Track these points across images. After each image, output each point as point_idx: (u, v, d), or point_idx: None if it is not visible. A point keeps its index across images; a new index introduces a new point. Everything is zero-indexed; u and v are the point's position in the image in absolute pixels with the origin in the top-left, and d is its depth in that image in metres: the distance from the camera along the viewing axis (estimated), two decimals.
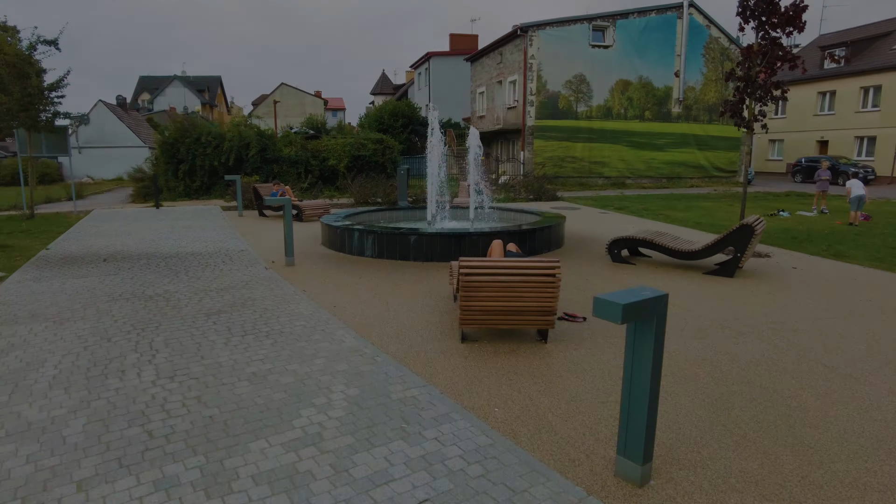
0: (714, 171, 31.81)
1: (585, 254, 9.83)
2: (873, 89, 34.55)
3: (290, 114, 59.14)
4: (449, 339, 5.29)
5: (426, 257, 9.04)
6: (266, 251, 9.95)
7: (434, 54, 45.34)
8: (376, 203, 18.35)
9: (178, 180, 21.54)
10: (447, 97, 45.10)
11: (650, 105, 29.99)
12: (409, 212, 13.20)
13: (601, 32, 28.58)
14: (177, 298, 6.67)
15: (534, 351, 5.03)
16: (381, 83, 66.02)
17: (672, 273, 8.45)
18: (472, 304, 4.90)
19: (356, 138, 24.33)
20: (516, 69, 28.94)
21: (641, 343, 2.92)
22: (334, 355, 4.81)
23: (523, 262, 4.87)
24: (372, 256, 9.33)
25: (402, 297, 6.84)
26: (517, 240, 9.34)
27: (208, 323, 5.69)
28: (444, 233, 8.99)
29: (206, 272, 8.15)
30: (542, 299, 4.89)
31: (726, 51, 30.59)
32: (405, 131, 35.07)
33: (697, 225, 13.95)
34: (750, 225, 7.96)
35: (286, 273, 8.15)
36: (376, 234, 9.23)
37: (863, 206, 14.99)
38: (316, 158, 22.97)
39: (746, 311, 6.41)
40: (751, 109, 9.94)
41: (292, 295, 6.84)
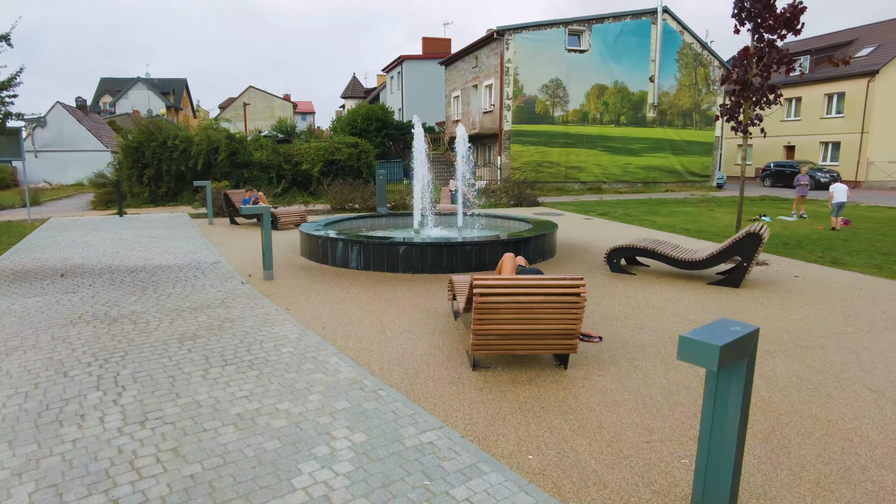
0: (688, 176, 32.02)
1: (580, 263, 9.39)
2: (837, 96, 35.39)
3: (259, 117, 57.83)
4: (458, 366, 4.73)
5: (416, 269, 8.47)
6: (241, 263, 9.23)
7: (407, 58, 44.83)
8: (354, 209, 17.69)
9: (142, 186, 20.47)
10: (420, 101, 44.60)
11: (626, 110, 30.01)
12: (391, 219, 12.60)
13: (577, 37, 28.49)
14: (145, 320, 5.95)
15: (555, 379, 4.51)
16: (351, 87, 65.09)
17: (675, 283, 8.06)
18: (488, 327, 4.35)
19: (330, 142, 23.60)
20: (492, 73, 28.60)
21: (729, 387, 2.42)
22: (331, 389, 4.21)
23: (544, 279, 4.35)
24: (357, 268, 8.71)
25: (397, 315, 6.25)
26: (512, 250, 8.85)
27: (182, 350, 5.01)
28: (435, 243, 8.44)
29: (177, 288, 7.41)
30: (566, 321, 4.38)
31: (699, 56, 30.86)
32: (379, 135, 34.38)
33: (685, 231, 13.70)
34: (757, 233, 7.62)
35: (266, 288, 7.47)
36: (362, 244, 8.62)
37: (842, 211, 15.00)
38: (288, 163, 22.16)
39: (766, 327, 6.03)
40: (747, 113, 9.69)
41: (275, 314, 6.19)
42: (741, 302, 7.06)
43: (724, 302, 7.04)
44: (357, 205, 17.86)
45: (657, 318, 6.27)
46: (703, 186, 32.12)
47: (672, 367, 4.81)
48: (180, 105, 60.92)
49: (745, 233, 7.69)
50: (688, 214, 17.68)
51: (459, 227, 10.57)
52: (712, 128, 32.12)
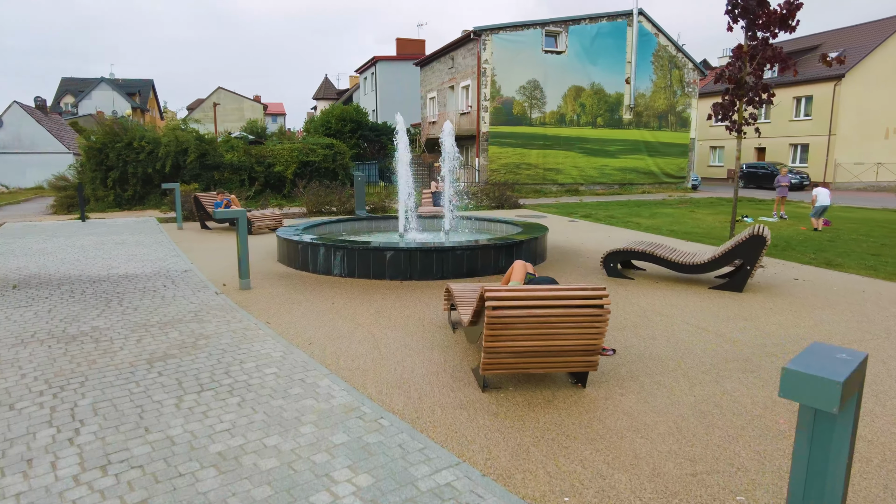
0: (664, 178, 32.15)
1: (574, 267, 9.01)
2: (805, 99, 36.04)
3: (228, 119, 56.49)
4: (465, 387, 4.25)
5: (404, 275, 7.96)
6: (215, 271, 8.58)
7: (380, 58, 44.23)
8: (331, 212, 17.07)
9: (107, 189, 19.46)
10: (395, 102, 44.00)
11: (602, 111, 29.97)
12: (371, 222, 12.06)
13: (554, 38, 28.32)
14: (109, 338, 5.32)
15: (574, 400, 4.07)
16: (323, 88, 64.11)
17: (676, 288, 7.73)
18: (501, 345, 3.89)
19: (304, 143, 22.89)
20: (469, 74, 28.24)
21: (836, 428, 1.99)
22: (325, 418, 3.69)
23: (563, 290, 3.91)
24: (341, 275, 8.16)
25: (390, 327, 5.74)
26: (504, 254, 8.42)
27: (152, 374, 4.42)
28: (424, 248, 7.95)
29: (144, 300, 6.76)
30: (587, 336, 3.95)
31: (674, 58, 31.02)
32: (354, 136, 33.71)
33: (672, 233, 13.49)
34: (760, 235, 7.34)
35: (243, 299, 6.87)
36: (346, 249, 8.08)
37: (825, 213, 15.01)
38: (261, 165, 21.38)
39: (781, 335, 5.70)
40: (740, 113, 9.46)
41: (255, 329, 5.62)
42: (748, 307, 6.74)
43: (731, 308, 6.72)
44: (334, 208, 17.25)
45: (667, 327, 5.90)
46: (678, 188, 32.29)
47: (696, 383, 4.41)
48: (146, 106, 59.10)
49: (748, 235, 7.39)
50: (670, 216, 17.54)
51: (446, 231, 10.10)
52: (687, 129, 32.34)
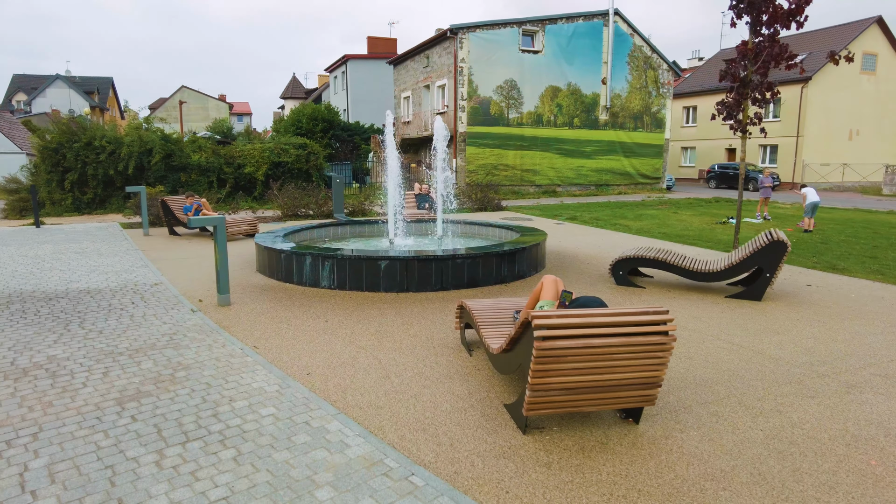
0: (639, 178, 32.14)
1: (577, 275, 8.49)
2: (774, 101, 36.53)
3: (193, 118, 54.65)
4: (502, 428, 3.63)
5: (401, 287, 7.30)
6: (188, 284, 7.76)
7: (351, 57, 43.29)
8: (307, 216, 16.24)
9: (64, 192, 18.18)
10: (366, 101, 43.16)
11: (579, 112, 29.75)
12: (354, 227, 11.34)
13: (531, 37, 27.96)
14: (68, 371, 4.52)
15: (631, 440, 3.49)
16: (291, 87, 62.71)
17: (690, 297, 7.27)
18: (552, 381, 3.28)
19: (276, 143, 21.93)
20: (445, 73, 27.64)
21: None
22: (344, 477, 3.01)
23: (622, 315, 3.33)
24: (330, 287, 7.45)
25: (396, 350, 5.08)
26: (507, 261, 7.83)
27: (123, 419, 3.67)
28: (423, 256, 7.30)
29: (110, 321, 5.93)
30: (649, 367, 3.38)
31: (649, 59, 31.02)
32: (326, 136, 32.75)
33: (663, 236, 13.13)
34: (781, 241, 6.92)
35: (223, 318, 6.11)
36: (336, 259, 7.36)
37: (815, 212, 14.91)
38: (230, 165, 20.34)
39: (822, 351, 5.25)
40: (745, 112, 9.10)
41: (241, 356, 4.88)
42: (774, 319, 6.30)
43: (756, 319, 6.26)
44: (311, 211, 16.41)
45: (699, 344, 5.39)
46: (653, 188, 32.33)
47: (758, 414, 3.89)
48: (106, 105, 56.69)
49: (768, 240, 6.97)
50: (655, 217, 17.26)
51: (439, 236, 9.47)
52: (662, 130, 32.42)
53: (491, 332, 4.38)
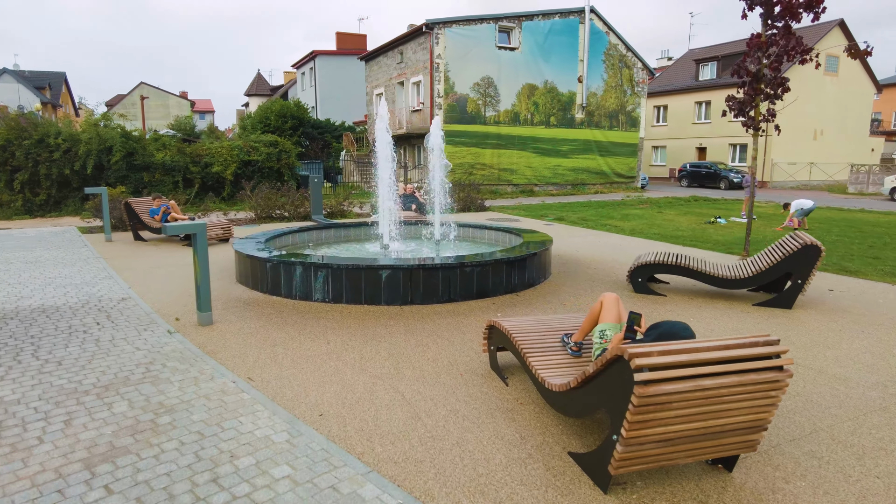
0: (615, 178, 32.03)
1: (589, 282, 7.90)
2: None
3: (153, 116, 52.45)
4: (576, 486, 2.95)
5: (404, 299, 6.56)
6: (161, 299, 6.85)
7: (320, 53, 42.13)
8: (283, 217, 15.29)
9: (13, 193, 16.74)
10: (336, 98, 42.08)
11: (555, 111, 29.40)
12: (339, 230, 10.52)
13: (507, 34, 27.44)
14: (19, 420, 3.65)
15: (733, 495, 2.86)
16: (256, 84, 60.93)
17: (717, 305, 6.76)
18: (650, 433, 2.62)
19: (245, 141, 20.83)
20: (421, 69, 26.89)
21: None
22: None
23: (729, 346, 2.69)
24: (324, 300, 6.66)
25: (419, 379, 4.36)
26: (517, 269, 7.18)
27: (95, 491, 2.84)
28: (429, 266, 6.57)
29: (71, 347, 5.03)
30: (758, 409, 2.76)
31: (624, 58, 30.90)
32: (295, 134, 31.59)
33: (659, 237, 12.71)
34: (815, 245, 6.46)
35: (207, 340, 5.27)
36: (331, 268, 6.57)
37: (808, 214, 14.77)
38: (197, 164, 19.17)
39: (885, 367, 4.76)
40: (758, 109, 8.67)
41: (236, 392, 4.08)
42: (816, 330, 5.81)
43: (799, 331, 5.76)
44: (286, 212, 15.46)
45: None
46: (628, 187, 32.24)
47: (861, 453, 3.32)
48: (59, 101, 53.91)
49: (800, 244, 6.50)
50: (641, 217, 16.89)
51: (437, 241, 8.76)
52: (637, 129, 32.38)
53: (543, 362, 3.71)
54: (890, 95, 52.34)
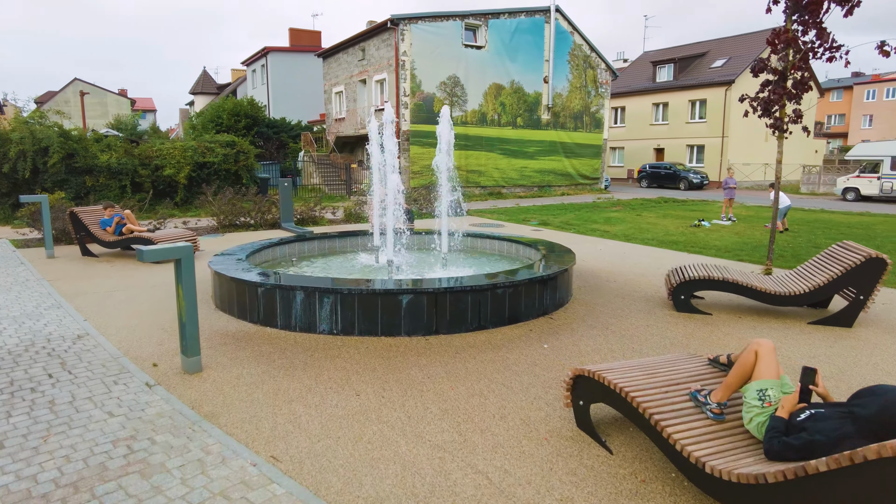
0: (580, 179, 31.79)
1: (619, 300, 7.10)
2: (699, 102, 37.59)
3: (90, 114, 49.01)
4: None
5: (428, 329, 5.56)
6: (129, 335, 5.58)
7: (272, 49, 40.25)
8: (247, 225, 13.91)
9: None
10: (290, 96, 40.31)
11: (522, 111, 28.84)
12: (324, 242, 9.40)
13: (473, 32, 26.65)
14: None
15: None
16: (202, 82, 58.06)
17: (771, 325, 6.08)
18: None
19: (200, 141, 19.19)
20: (385, 66, 25.75)
21: None
22: None
23: None
24: (331, 332, 5.57)
25: (496, 450, 3.39)
26: (549, 288, 6.29)
27: None
28: (456, 288, 5.58)
29: (15, 417, 3.78)
30: None
31: (588, 58, 30.68)
32: (250, 133, 29.81)
33: (656, 242, 12.13)
34: (881, 258, 5.86)
35: (200, 396, 4.13)
36: (340, 294, 5.50)
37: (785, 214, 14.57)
38: (146, 167, 17.45)
39: None
40: (783, 111, 8.10)
41: (262, 483, 3.00)
42: (887, 350, 5.19)
43: (880, 356, 5.11)
44: (251, 219, 14.09)
45: None
46: (593, 189, 32.07)
47: None
48: None
49: (864, 257, 5.89)
50: (624, 221, 16.40)
51: (443, 254, 7.78)
52: (601, 130, 32.26)
53: (687, 433, 2.80)
54: (824, 100, 54.83)
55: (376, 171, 8.52)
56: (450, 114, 7.78)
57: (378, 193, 8.51)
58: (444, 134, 7.73)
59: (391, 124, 7.81)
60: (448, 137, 7.72)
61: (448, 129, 7.70)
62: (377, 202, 8.57)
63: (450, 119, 7.76)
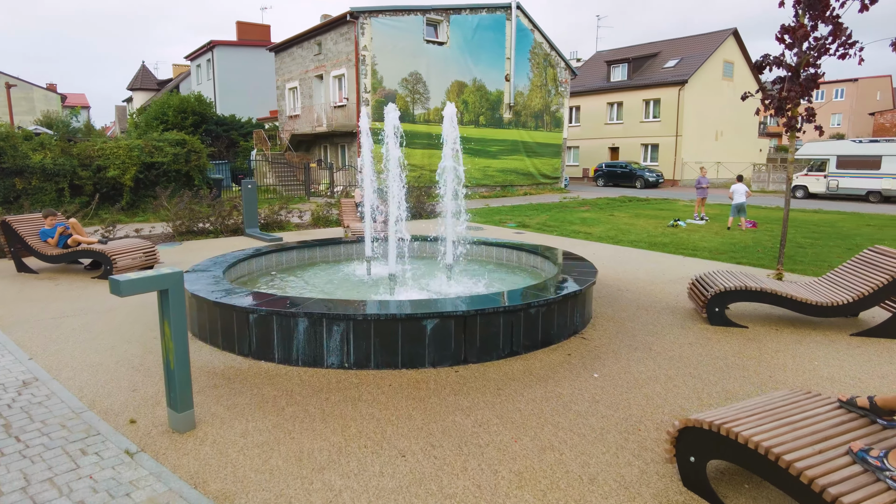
0: (541, 178, 31.57)
1: (645, 313, 6.53)
2: (653, 102, 38.16)
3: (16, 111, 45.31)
4: None
5: (455, 357, 4.78)
6: (89, 377, 4.54)
7: (219, 43, 38.25)
8: (205, 231, 12.67)
9: None
10: (238, 92, 38.40)
11: (484, 110, 28.31)
12: (303, 251, 8.46)
13: (434, 27, 25.88)
14: None
15: None
16: (141, 77, 54.87)
17: (813, 338, 5.63)
18: None
19: (147, 140, 17.63)
20: (344, 61, 24.64)
21: None
22: None
23: None
24: (342, 367, 4.71)
25: None
26: (579, 304, 5.63)
27: None
28: (488, 311, 4.82)
29: None
30: None
31: (548, 57, 30.47)
32: (197, 131, 28.04)
33: (647, 244, 11.74)
34: None
35: (201, 468, 3.22)
36: (353, 321, 4.65)
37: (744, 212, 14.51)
38: (87, 168, 15.83)
39: None
40: (795, 110, 7.75)
41: None
42: None
43: None
44: (209, 225, 12.85)
45: None
46: (554, 188, 31.94)
47: None
48: None
49: None
50: (599, 221, 16.05)
51: (449, 266, 6.99)
52: (560, 129, 32.14)
53: None
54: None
55: (368, 174, 7.66)
56: (454, 113, 7.00)
57: (369, 197, 7.66)
58: (449, 132, 6.95)
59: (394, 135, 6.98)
60: (453, 135, 6.95)
61: (453, 129, 6.93)
62: (368, 206, 7.72)
63: (454, 118, 6.99)
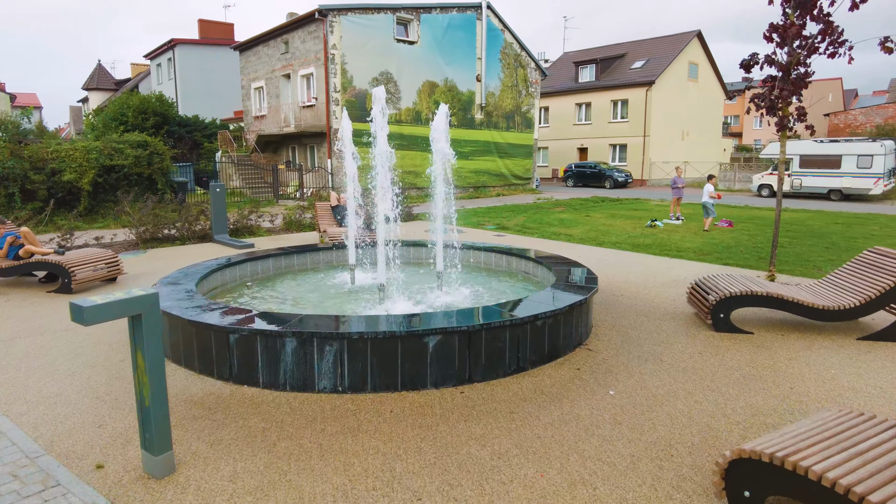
0: (513, 179, 31.48)
1: (641, 318, 6.28)
2: (621, 103, 38.50)
3: None
4: None
5: (460, 377, 4.41)
6: (47, 413, 4.01)
7: (180, 42, 37.02)
8: (170, 238, 11.99)
9: None
10: (201, 92, 37.22)
11: (456, 111, 27.99)
12: (280, 259, 7.97)
13: (405, 26, 25.45)
14: None
15: None
16: (97, 76, 52.78)
17: (819, 341, 5.46)
18: None
19: (106, 142, 16.73)
20: (312, 60, 24.00)
21: None
22: None
23: None
24: (335, 391, 4.28)
25: None
26: (584, 313, 5.32)
27: None
28: (494, 325, 4.46)
29: None
30: None
31: (519, 57, 30.38)
32: (159, 133, 26.95)
33: (631, 246, 11.59)
34: None
35: None
36: (347, 340, 4.22)
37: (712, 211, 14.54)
38: (40, 172, 14.90)
39: None
40: (785, 109, 7.63)
41: None
42: None
43: None
44: (174, 231, 12.16)
45: None
46: (526, 189, 31.87)
47: None
48: None
49: None
50: (577, 222, 15.91)
51: (439, 273, 6.61)
52: (531, 130, 32.11)
53: None
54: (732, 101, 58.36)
55: (351, 177, 7.22)
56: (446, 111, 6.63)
57: (353, 200, 7.23)
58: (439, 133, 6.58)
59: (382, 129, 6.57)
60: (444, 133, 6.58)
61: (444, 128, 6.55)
62: (352, 210, 7.29)
63: (447, 117, 6.61)
